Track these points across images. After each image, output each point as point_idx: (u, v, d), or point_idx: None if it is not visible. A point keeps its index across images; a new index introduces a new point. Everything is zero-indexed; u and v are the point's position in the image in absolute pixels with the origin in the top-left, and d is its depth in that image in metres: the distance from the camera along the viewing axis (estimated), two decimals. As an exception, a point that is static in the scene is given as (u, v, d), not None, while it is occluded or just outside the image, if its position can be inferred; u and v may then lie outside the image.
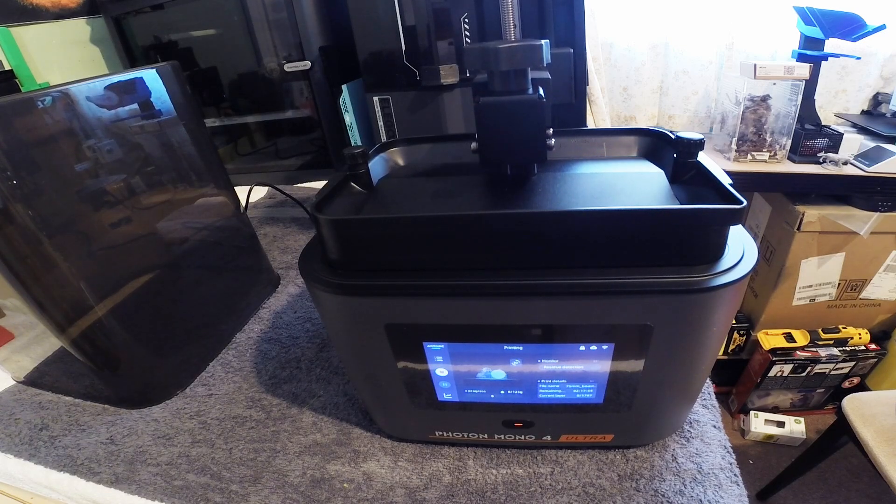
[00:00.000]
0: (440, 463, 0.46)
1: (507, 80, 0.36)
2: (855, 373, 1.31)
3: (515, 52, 0.34)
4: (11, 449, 0.52)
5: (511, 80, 0.36)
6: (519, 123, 0.36)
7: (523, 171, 0.41)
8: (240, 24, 0.98)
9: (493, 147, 0.38)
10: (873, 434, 0.89)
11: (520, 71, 0.35)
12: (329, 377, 0.58)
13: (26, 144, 0.42)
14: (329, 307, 0.39)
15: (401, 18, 0.73)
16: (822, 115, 1.16)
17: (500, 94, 0.36)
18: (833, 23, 1.00)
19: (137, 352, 0.55)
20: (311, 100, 1.00)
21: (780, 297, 1.28)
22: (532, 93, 0.36)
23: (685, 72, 1.28)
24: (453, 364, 0.40)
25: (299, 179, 1.13)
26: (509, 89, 0.36)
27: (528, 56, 0.34)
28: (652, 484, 0.42)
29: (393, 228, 0.34)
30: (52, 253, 0.45)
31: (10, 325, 0.56)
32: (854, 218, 1.09)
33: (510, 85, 0.36)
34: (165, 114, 0.56)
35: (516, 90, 0.36)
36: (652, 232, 0.31)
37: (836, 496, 1.23)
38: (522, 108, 0.36)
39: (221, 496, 0.45)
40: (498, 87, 0.36)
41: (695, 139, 0.37)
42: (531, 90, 0.36)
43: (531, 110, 0.36)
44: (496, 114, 0.36)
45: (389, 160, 0.49)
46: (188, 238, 0.60)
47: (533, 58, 0.34)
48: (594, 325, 0.35)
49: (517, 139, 0.37)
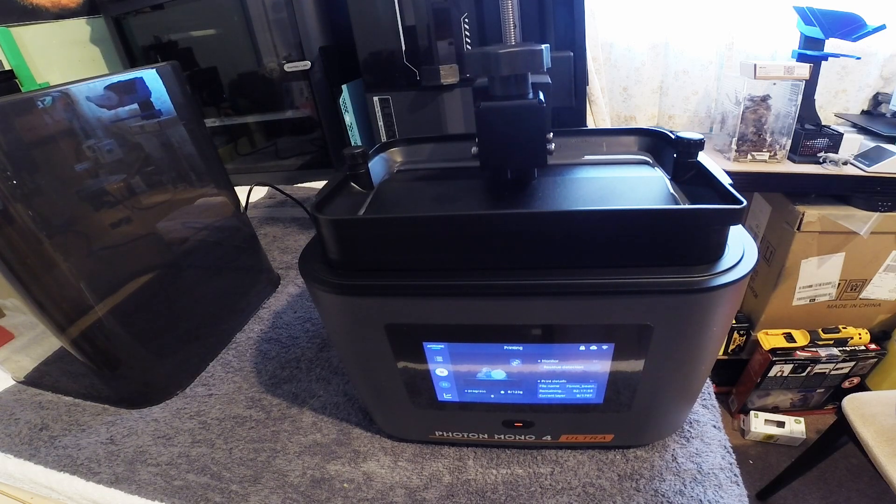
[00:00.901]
0: (440, 463, 0.46)
1: (507, 85, 0.36)
2: (855, 373, 1.31)
3: (516, 57, 0.34)
4: (11, 449, 0.52)
5: (511, 85, 0.36)
6: (519, 128, 0.36)
7: (524, 174, 0.41)
8: (240, 24, 0.98)
9: (493, 151, 0.38)
10: (873, 434, 0.89)
11: (520, 76, 0.35)
12: (329, 377, 0.58)
13: (26, 144, 0.42)
14: (329, 307, 0.39)
15: (401, 18, 0.73)
16: (822, 115, 1.16)
17: (500, 98, 0.36)
18: (833, 23, 1.00)
19: (137, 352, 0.55)
20: (311, 100, 1.00)
21: (780, 297, 1.28)
22: (532, 97, 0.36)
23: (685, 72, 1.28)
24: (453, 364, 0.40)
25: (299, 179, 1.13)
26: (509, 94, 0.36)
27: (528, 61, 0.34)
28: (652, 484, 0.42)
29: (393, 228, 0.34)
30: (52, 253, 0.45)
31: (10, 325, 0.56)
32: (854, 218, 1.09)
33: (510, 90, 0.36)
34: (165, 114, 0.56)
35: (516, 95, 0.36)
36: (652, 232, 0.31)
37: (836, 496, 1.23)
38: (523, 113, 0.36)
39: (221, 496, 0.45)
40: (498, 92, 0.36)
41: (695, 139, 0.37)
42: (531, 95, 0.36)
43: (531, 115, 0.36)
44: (496, 119, 0.36)
45: (389, 160, 0.49)
46: (188, 238, 0.60)
47: (533, 63, 0.34)
48: (594, 325, 0.35)
49: (517, 144, 0.37)
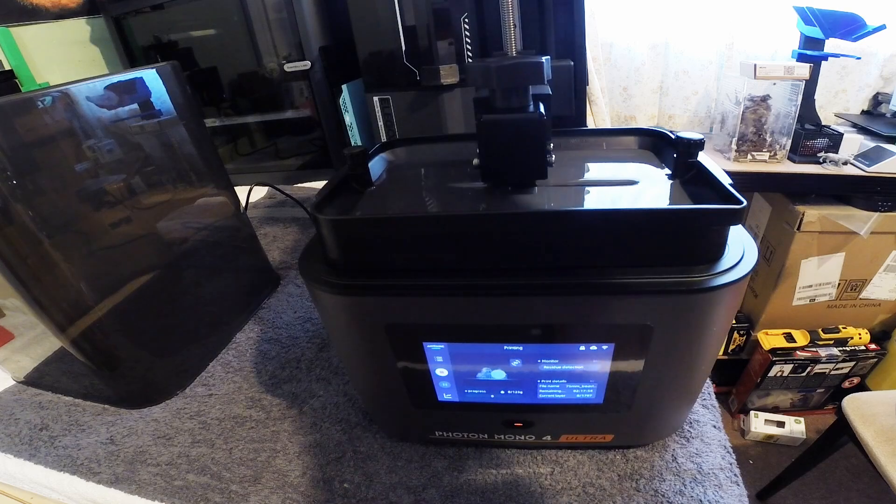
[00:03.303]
0: (440, 463, 0.46)
1: (508, 98, 0.36)
2: (855, 373, 1.31)
3: (517, 70, 0.34)
4: (11, 449, 0.52)
5: (512, 98, 0.36)
6: (520, 141, 0.37)
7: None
8: (240, 24, 0.98)
9: (494, 164, 0.38)
10: (873, 434, 0.89)
11: (521, 88, 0.36)
12: (329, 377, 0.58)
13: (26, 144, 0.42)
14: (329, 307, 0.39)
15: (401, 18, 0.73)
16: (822, 115, 1.16)
17: (501, 111, 0.36)
18: (833, 23, 1.00)
19: (137, 352, 0.55)
20: (311, 100, 0.99)
21: (780, 297, 1.28)
22: (533, 110, 0.36)
23: (685, 72, 1.28)
24: (453, 364, 0.40)
25: (299, 179, 1.13)
26: (511, 107, 0.36)
27: (529, 74, 0.34)
28: (652, 484, 0.42)
29: (393, 228, 0.34)
30: (52, 253, 0.45)
31: (10, 325, 0.56)
32: (854, 218, 1.09)
33: (511, 102, 0.36)
34: (165, 114, 0.56)
35: (518, 107, 0.36)
36: (652, 232, 0.31)
37: (836, 496, 1.23)
38: (524, 126, 0.36)
39: (221, 496, 0.45)
40: (499, 104, 0.36)
41: (695, 139, 0.37)
42: (532, 107, 0.36)
43: (533, 129, 0.36)
44: (498, 132, 0.36)
45: (389, 160, 0.49)
46: (188, 238, 0.60)
47: (534, 76, 0.34)
48: (594, 326, 0.35)
49: (518, 157, 0.38)
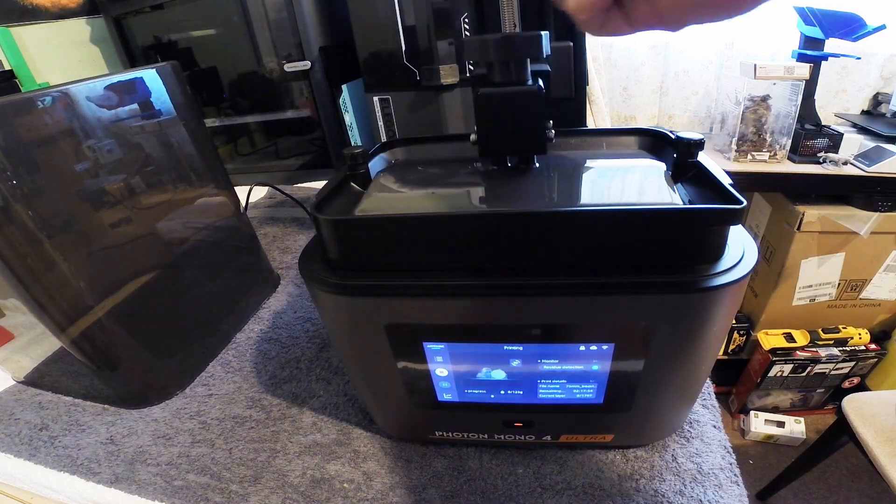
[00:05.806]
0: (440, 463, 0.46)
1: (505, 72, 0.35)
2: (855, 373, 1.31)
3: (514, 42, 0.34)
4: (11, 449, 0.52)
5: (510, 72, 0.35)
6: (518, 114, 0.36)
7: (523, 166, 0.41)
8: (240, 24, 0.98)
9: (492, 137, 0.38)
10: (873, 434, 0.89)
11: (519, 62, 0.35)
12: (329, 377, 0.58)
13: (26, 144, 0.42)
14: (329, 307, 0.39)
15: (401, 18, 0.73)
16: (822, 115, 1.16)
17: (499, 85, 0.36)
18: (833, 23, 1.00)
19: (137, 352, 0.55)
20: (311, 100, 0.99)
21: (780, 297, 1.28)
22: (531, 84, 0.36)
23: (685, 72, 1.28)
24: (453, 364, 0.40)
25: (299, 179, 1.13)
26: (508, 80, 0.36)
27: (526, 46, 0.34)
28: (652, 484, 0.42)
29: (393, 228, 0.34)
30: (52, 253, 0.45)
31: (10, 325, 0.56)
32: (854, 218, 1.10)
33: (509, 76, 0.36)
34: (165, 114, 0.56)
35: (515, 81, 0.36)
36: (652, 232, 0.31)
37: (836, 496, 1.23)
38: (521, 98, 0.35)
39: (221, 496, 0.45)
40: (497, 79, 0.36)
41: (695, 139, 0.37)
42: (530, 81, 0.36)
43: (530, 101, 0.35)
44: (495, 105, 0.36)
45: (389, 160, 0.49)
46: (188, 238, 0.60)
47: (532, 48, 0.34)
48: (594, 325, 0.35)
49: (516, 130, 0.37)
